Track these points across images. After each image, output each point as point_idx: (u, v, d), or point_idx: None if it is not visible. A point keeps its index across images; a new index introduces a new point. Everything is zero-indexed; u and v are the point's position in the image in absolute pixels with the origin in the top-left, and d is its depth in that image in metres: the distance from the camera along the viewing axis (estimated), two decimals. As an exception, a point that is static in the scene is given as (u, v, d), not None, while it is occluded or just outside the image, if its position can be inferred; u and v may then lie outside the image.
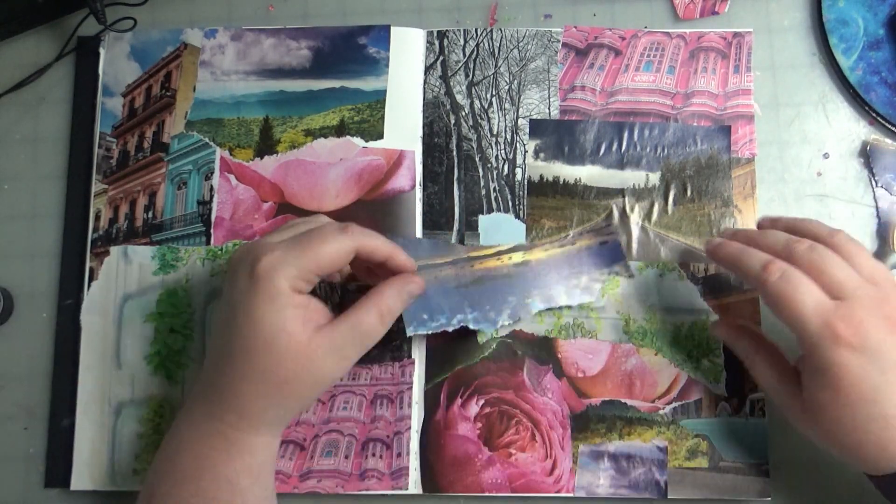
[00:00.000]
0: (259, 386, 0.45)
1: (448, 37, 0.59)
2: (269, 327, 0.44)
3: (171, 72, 0.59)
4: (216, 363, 0.46)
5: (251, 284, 0.44)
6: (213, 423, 0.45)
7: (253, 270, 0.44)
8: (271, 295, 0.44)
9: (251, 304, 0.44)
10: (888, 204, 0.56)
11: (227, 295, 0.46)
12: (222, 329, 0.46)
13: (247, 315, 0.44)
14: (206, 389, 0.46)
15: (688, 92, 0.58)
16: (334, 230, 0.46)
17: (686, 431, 0.54)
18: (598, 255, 0.55)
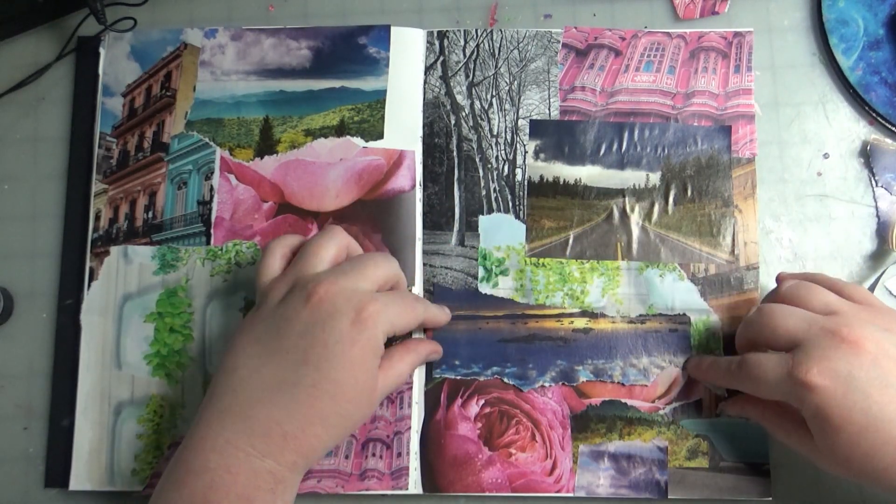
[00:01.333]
0: (335, 429, 0.45)
1: (448, 37, 0.59)
2: (363, 376, 0.45)
3: (171, 72, 0.59)
4: (276, 400, 0.44)
5: (357, 333, 0.45)
6: (265, 462, 0.43)
7: (359, 317, 0.45)
8: (371, 345, 0.45)
9: (353, 353, 0.44)
10: (888, 204, 0.56)
11: (313, 332, 0.45)
12: (296, 365, 0.44)
13: (346, 362, 0.44)
14: (253, 426, 0.44)
15: (688, 92, 0.58)
16: (378, 258, 0.49)
17: (686, 431, 0.54)
18: (665, 342, 0.55)
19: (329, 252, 0.48)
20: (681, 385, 0.54)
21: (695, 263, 0.56)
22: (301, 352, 0.44)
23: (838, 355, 0.43)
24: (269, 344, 0.45)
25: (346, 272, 0.47)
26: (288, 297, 0.46)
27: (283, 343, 0.45)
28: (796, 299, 0.47)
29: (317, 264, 0.48)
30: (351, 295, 0.45)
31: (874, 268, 0.56)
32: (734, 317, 0.55)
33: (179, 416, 0.55)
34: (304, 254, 0.48)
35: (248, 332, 0.47)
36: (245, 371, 0.45)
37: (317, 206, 0.57)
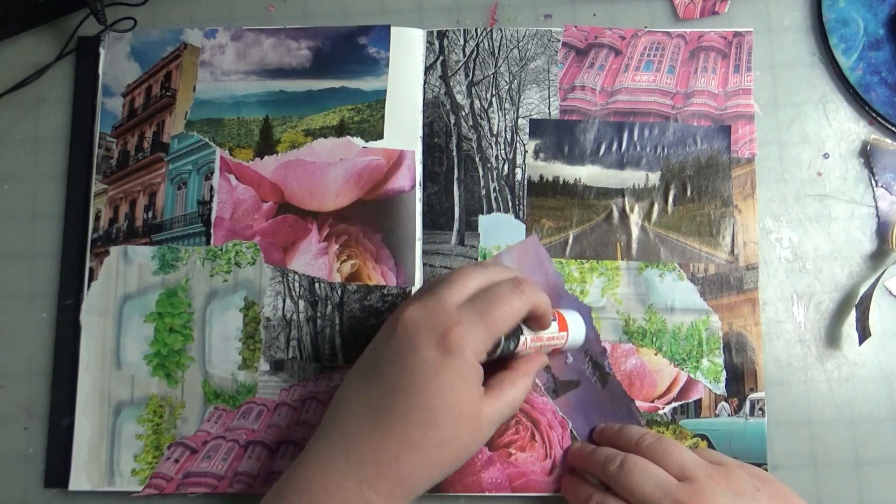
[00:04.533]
0: (430, 458, 0.44)
1: (448, 37, 0.59)
2: (456, 401, 0.43)
3: (171, 72, 0.59)
4: (372, 427, 0.44)
5: (442, 357, 0.43)
6: (362, 490, 0.43)
7: (442, 342, 0.43)
8: (462, 370, 0.43)
9: (441, 379, 0.43)
10: (888, 204, 0.56)
11: (400, 359, 0.44)
12: (387, 393, 0.44)
13: (434, 389, 0.43)
14: (351, 451, 0.44)
15: (688, 92, 0.58)
16: (510, 290, 0.45)
17: (686, 431, 0.54)
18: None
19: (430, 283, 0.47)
20: (680, 384, 0.54)
21: (694, 263, 0.56)
22: (391, 380, 0.44)
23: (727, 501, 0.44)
24: (367, 371, 0.45)
25: (433, 293, 0.45)
26: (385, 327, 0.46)
27: (377, 372, 0.45)
28: (655, 457, 0.47)
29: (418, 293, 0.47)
30: (432, 318, 0.44)
31: (874, 268, 0.56)
32: (734, 317, 0.55)
33: (179, 416, 0.55)
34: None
35: (358, 360, 0.47)
36: (347, 398, 0.45)
37: (317, 206, 0.57)
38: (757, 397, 0.54)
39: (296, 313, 0.56)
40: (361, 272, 0.56)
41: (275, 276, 0.56)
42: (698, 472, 0.46)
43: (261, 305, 0.56)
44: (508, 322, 0.45)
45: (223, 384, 0.55)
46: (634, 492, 0.46)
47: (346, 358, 0.55)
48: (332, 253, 0.56)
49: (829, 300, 0.56)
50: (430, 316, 0.44)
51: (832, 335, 0.55)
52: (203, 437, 0.54)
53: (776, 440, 0.54)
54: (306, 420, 0.54)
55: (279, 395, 0.55)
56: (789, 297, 0.56)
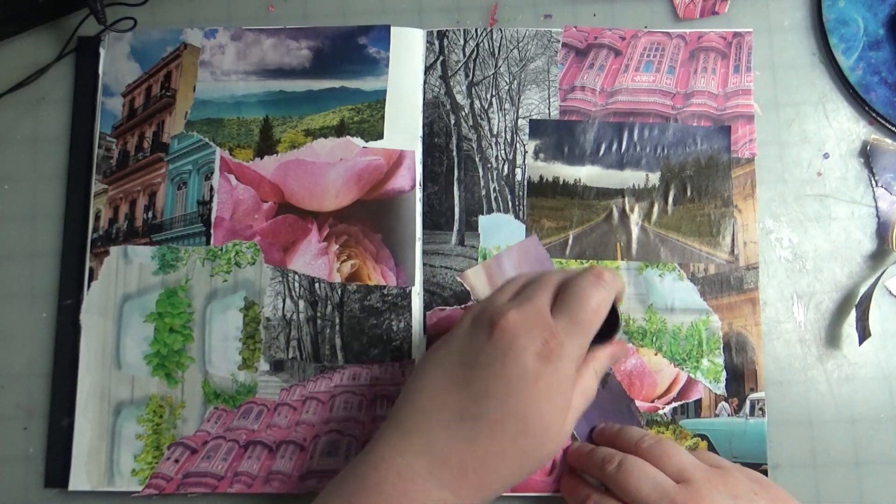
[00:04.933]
0: (515, 465, 0.43)
1: (448, 37, 0.59)
2: (550, 410, 0.43)
3: (171, 72, 0.59)
4: (458, 431, 0.43)
5: (541, 366, 0.42)
6: (443, 494, 0.42)
7: (543, 351, 0.42)
8: (560, 379, 0.43)
9: (538, 387, 0.42)
10: (888, 204, 0.56)
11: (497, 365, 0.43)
12: (479, 397, 0.43)
13: (531, 398, 0.42)
14: (433, 453, 0.42)
15: (688, 92, 0.58)
16: (593, 284, 0.45)
17: (685, 431, 0.54)
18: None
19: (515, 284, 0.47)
20: (681, 384, 0.54)
21: (694, 263, 0.56)
22: (483, 385, 0.43)
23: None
24: (454, 372, 0.44)
25: (527, 297, 0.45)
26: (474, 328, 0.45)
27: (466, 374, 0.43)
28: (654, 459, 0.47)
29: (502, 296, 0.46)
30: (533, 325, 0.43)
31: (874, 268, 0.56)
32: (734, 317, 0.55)
33: (179, 417, 0.55)
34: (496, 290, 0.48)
35: (434, 355, 0.46)
36: (427, 395, 0.44)
37: (317, 206, 0.57)
38: (757, 397, 0.54)
39: (296, 313, 0.56)
40: (361, 272, 0.56)
41: (275, 276, 0.56)
42: (696, 474, 0.46)
43: (261, 305, 0.56)
44: (598, 320, 0.45)
45: (223, 384, 0.55)
46: (632, 493, 0.46)
47: (345, 358, 0.55)
48: (332, 253, 0.56)
49: (829, 300, 0.56)
50: (529, 323, 0.43)
51: (832, 335, 0.55)
52: (203, 437, 0.54)
53: (776, 440, 0.54)
54: (306, 420, 0.54)
55: (279, 395, 0.55)
56: (789, 297, 0.56)
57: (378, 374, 0.55)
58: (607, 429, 0.53)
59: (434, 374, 0.45)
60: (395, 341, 0.55)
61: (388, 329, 0.55)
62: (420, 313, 0.56)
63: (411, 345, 0.55)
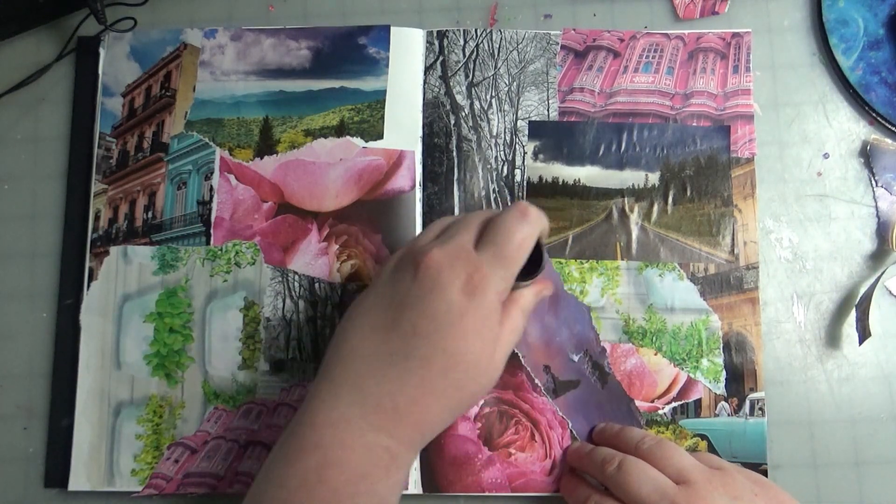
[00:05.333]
0: (449, 402, 0.43)
1: (448, 37, 0.59)
2: (478, 344, 0.43)
3: (170, 72, 0.59)
4: (388, 373, 0.42)
5: (467, 301, 0.42)
6: (379, 437, 0.42)
7: (468, 286, 0.42)
8: (486, 313, 0.43)
9: (465, 322, 0.42)
10: (888, 204, 0.56)
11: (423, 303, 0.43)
12: (407, 336, 0.43)
13: (458, 332, 0.42)
14: (365, 399, 0.42)
15: (687, 92, 0.58)
16: (518, 220, 0.45)
17: (685, 431, 0.54)
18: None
19: (439, 225, 0.47)
20: (680, 384, 0.54)
21: (694, 263, 0.56)
22: (411, 324, 0.42)
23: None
24: (380, 315, 0.44)
25: (450, 236, 0.45)
26: (397, 270, 0.45)
27: (392, 315, 0.43)
28: (654, 460, 0.47)
29: (425, 237, 0.46)
30: (456, 261, 0.43)
31: (874, 268, 0.56)
32: (734, 317, 0.55)
33: (179, 417, 0.55)
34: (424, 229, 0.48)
35: (359, 304, 0.45)
36: (355, 342, 0.44)
37: (317, 206, 0.57)
38: (757, 397, 0.54)
39: (296, 313, 0.56)
40: (361, 272, 0.56)
41: (275, 276, 0.56)
42: (696, 475, 0.46)
43: (261, 305, 0.56)
44: (523, 255, 0.45)
45: (223, 384, 0.55)
46: (631, 493, 0.46)
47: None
48: (332, 253, 0.56)
49: (829, 300, 0.56)
50: (453, 260, 0.43)
51: (832, 335, 0.55)
52: (203, 437, 0.54)
53: (776, 440, 0.54)
54: (306, 420, 0.54)
55: (279, 395, 0.55)
56: (789, 297, 0.56)
57: (378, 374, 0.55)
58: (607, 429, 0.53)
59: (361, 320, 0.44)
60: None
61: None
62: (420, 313, 0.56)
63: (411, 345, 0.55)
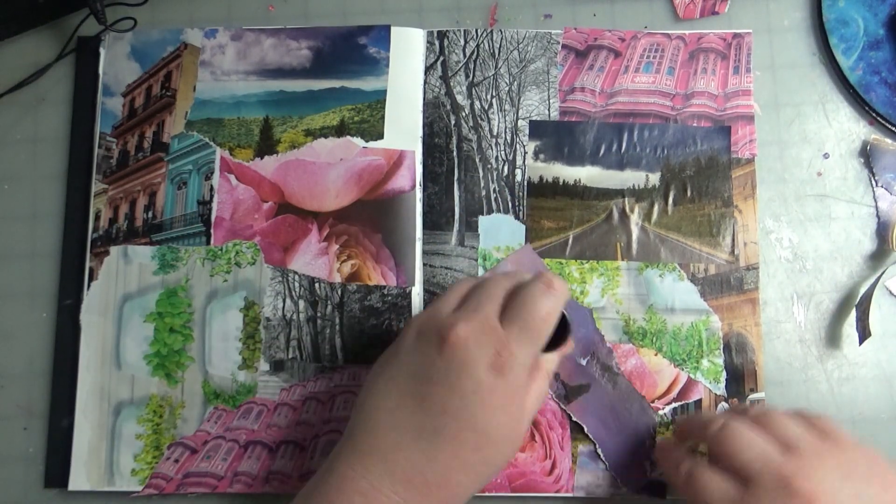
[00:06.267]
0: (478, 475, 0.43)
1: (448, 37, 0.59)
2: (507, 420, 0.43)
3: (171, 72, 0.59)
4: (418, 448, 0.42)
5: (495, 379, 0.42)
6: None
7: (496, 363, 0.42)
8: (514, 389, 0.43)
9: (493, 400, 0.42)
10: (888, 204, 0.56)
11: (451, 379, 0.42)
12: (436, 413, 0.42)
13: (487, 411, 0.42)
14: (395, 471, 0.42)
15: (687, 93, 0.58)
16: (543, 292, 0.44)
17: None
18: None
19: (460, 291, 0.46)
20: (681, 385, 0.54)
21: (694, 264, 0.56)
22: (439, 401, 0.42)
23: (832, 474, 0.42)
24: (406, 387, 0.43)
25: (474, 308, 0.44)
26: (421, 341, 0.44)
27: (420, 389, 0.43)
28: (762, 424, 0.45)
29: (447, 304, 0.45)
30: (482, 336, 0.42)
31: (874, 268, 0.56)
32: (734, 317, 0.55)
33: (179, 416, 0.55)
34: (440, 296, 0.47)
35: (384, 370, 0.45)
36: (383, 414, 0.43)
37: (317, 206, 0.57)
38: (757, 397, 0.54)
39: (296, 313, 0.56)
40: (361, 272, 0.56)
41: (275, 276, 0.56)
42: (806, 446, 0.43)
43: (261, 305, 0.56)
44: (549, 328, 0.44)
45: (223, 384, 0.55)
46: (734, 456, 0.43)
47: (346, 358, 0.55)
48: (332, 253, 0.56)
49: (829, 300, 0.56)
50: (479, 336, 0.42)
51: (832, 335, 0.55)
52: (203, 437, 0.54)
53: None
54: (306, 420, 0.54)
55: (279, 395, 0.55)
56: (789, 297, 0.56)
57: (378, 375, 0.55)
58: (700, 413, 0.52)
59: (386, 389, 0.44)
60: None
61: (388, 329, 0.55)
62: (420, 313, 0.56)
63: (411, 345, 0.55)
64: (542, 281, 0.45)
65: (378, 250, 0.56)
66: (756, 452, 0.43)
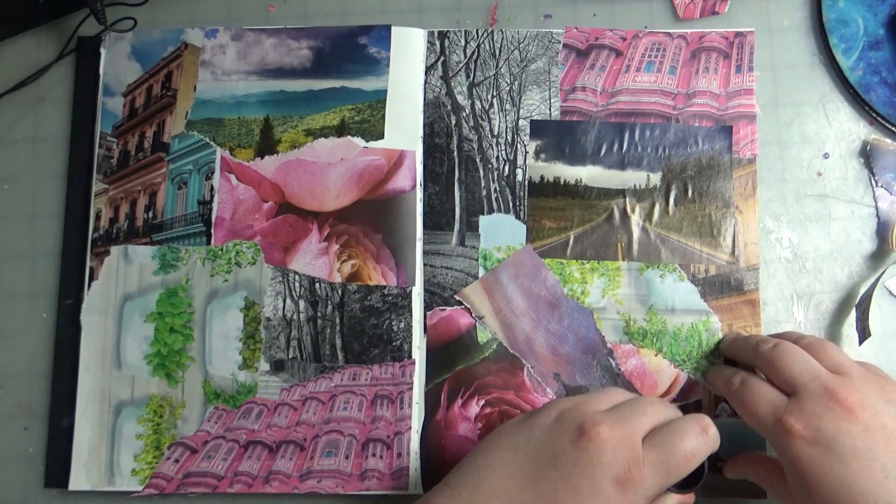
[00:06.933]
0: None
1: (449, 37, 0.59)
2: None
3: (171, 72, 0.59)
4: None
5: (616, 493, 0.41)
6: None
7: (623, 477, 0.41)
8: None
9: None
10: (888, 204, 0.56)
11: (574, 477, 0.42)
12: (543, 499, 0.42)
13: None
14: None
15: (689, 92, 0.58)
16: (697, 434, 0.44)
17: (686, 432, 0.54)
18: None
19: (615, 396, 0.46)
20: (681, 385, 0.54)
21: (695, 264, 0.56)
22: (553, 488, 0.42)
23: (829, 416, 0.43)
24: (526, 463, 0.43)
25: (624, 417, 0.43)
26: (559, 426, 0.43)
27: (539, 469, 0.42)
28: (813, 350, 0.47)
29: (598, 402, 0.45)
30: (621, 447, 0.42)
31: (874, 268, 0.56)
32: (734, 318, 0.55)
33: (179, 416, 0.55)
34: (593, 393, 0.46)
35: (511, 436, 0.45)
36: (494, 476, 0.43)
37: (317, 206, 0.57)
38: (757, 397, 0.54)
39: (296, 313, 0.56)
40: (362, 272, 0.56)
41: (275, 276, 0.56)
42: (853, 371, 0.45)
43: (261, 305, 0.56)
44: (687, 469, 0.43)
45: (223, 384, 0.55)
46: (782, 370, 0.45)
47: (346, 358, 0.55)
48: (333, 253, 0.56)
49: (829, 300, 0.56)
50: (619, 444, 0.42)
51: (832, 335, 0.55)
52: (203, 437, 0.54)
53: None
54: (306, 420, 0.54)
55: (279, 395, 0.55)
56: (789, 297, 0.56)
57: (378, 375, 0.55)
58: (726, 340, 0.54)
59: (505, 455, 0.44)
60: (396, 341, 0.55)
61: (389, 329, 0.55)
62: (420, 313, 0.56)
63: (411, 345, 0.55)
64: (700, 423, 0.44)
65: (378, 250, 0.56)
66: (805, 367, 0.45)
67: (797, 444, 0.43)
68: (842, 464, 0.42)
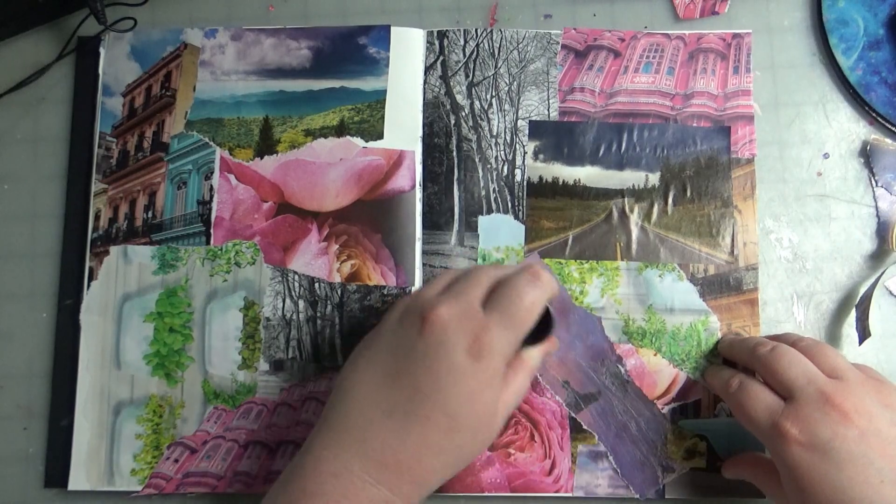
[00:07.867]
0: (448, 459, 0.43)
1: (448, 37, 0.59)
2: (481, 407, 0.43)
3: (171, 72, 0.59)
4: (390, 427, 0.42)
5: (471, 363, 0.42)
6: (381, 492, 0.42)
7: (473, 347, 0.42)
8: (489, 376, 0.43)
9: (468, 385, 0.42)
10: (888, 204, 0.56)
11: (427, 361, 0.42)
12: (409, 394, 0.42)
13: (461, 394, 0.42)
14: (367, 452, 0.42)
15: (687, 93, 0.58)
16: (529, 282, 0.44)
17: (684, 432, 0.54)
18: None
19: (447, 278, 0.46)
20: (680, 385, 0.54)
21: (694, 264, 0.56)
22: (414, 380, 0.42)
23: (825, 420, 0.43)
24: (383, 366, 0.44)
25: (458, 292, 0.44)
26: (403, 322, 0.44)
27: (397, 367, 0.43)
28: (811, 354, 0.47)
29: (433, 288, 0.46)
30: (463, 320, 0.43)
31: (874, 268, 0.56)
32: (733, 317, 0.55)
33: (179, 416, 0.55)
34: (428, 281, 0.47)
35: (363, 351, 0.45)
36: (358, 394, 0.43)
37: (317, 206, 0.57)
38: (756, 398, 0.54)
39: (296, 313, 0.56)
40: (361, 272, 0.56)
41: (275, 276, 0.56)
42: (850, 375, 0.45)
43: (261, 305, 0.56)
44: (532, 318, 0.44)
45: (223, 384, 0.55)
46: (779, 374, 0.46)
47: (346, 358, 0.55)
48: (332, 253, 0.56)
49: (829, 300, 0.56)
50: (460, 318, 0.43)
51: (832, 335, 0.55)
52: (203, 436, 0.54)
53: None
54: (306, 420, 0.54)
55: (279, 395, 0.55)
56: (789, 297, 0.56)
57: (378, 374, 0.55)
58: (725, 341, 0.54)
59: (364, 367, 0.44)
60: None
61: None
62: (420, 313, 0.56)
63: (411, 345, 0.55)
64: (529, 272, 0.45)
65: (378, 250, 0.56)
66: (801, 370, 0.46)
67: (793, 449, 0.43)
68: (837, 469, 0.42)
